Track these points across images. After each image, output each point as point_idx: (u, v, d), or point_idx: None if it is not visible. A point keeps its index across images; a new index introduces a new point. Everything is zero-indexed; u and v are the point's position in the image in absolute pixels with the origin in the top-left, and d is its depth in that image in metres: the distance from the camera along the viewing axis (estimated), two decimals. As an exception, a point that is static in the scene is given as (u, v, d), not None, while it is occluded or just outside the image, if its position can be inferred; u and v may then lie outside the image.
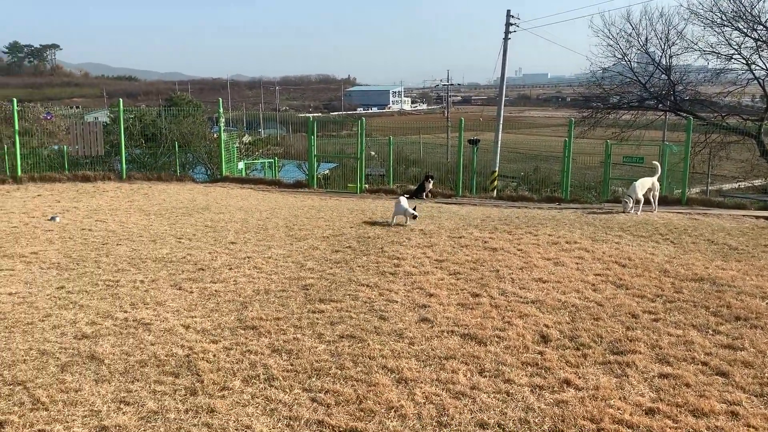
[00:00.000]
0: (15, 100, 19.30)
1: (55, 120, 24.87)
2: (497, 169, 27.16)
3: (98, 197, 15.59)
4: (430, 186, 17.72)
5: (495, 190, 22.15)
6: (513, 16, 31.33)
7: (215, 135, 23.55)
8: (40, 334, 5.95)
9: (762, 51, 26.96)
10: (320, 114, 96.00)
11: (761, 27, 26.51)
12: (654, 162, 14.89)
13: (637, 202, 13.61)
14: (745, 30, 26.84)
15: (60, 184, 18.00)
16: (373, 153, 28.39)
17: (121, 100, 20.83)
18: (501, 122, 30.91)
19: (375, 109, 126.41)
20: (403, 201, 11.89)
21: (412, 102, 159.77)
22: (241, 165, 23.43)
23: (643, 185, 13.70)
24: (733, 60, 27.72)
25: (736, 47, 27.21)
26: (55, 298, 7.03)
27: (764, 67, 27.21)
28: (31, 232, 10.73)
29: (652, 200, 13.98)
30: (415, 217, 11.59)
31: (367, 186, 19.68)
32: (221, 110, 21.85)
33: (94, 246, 9.73)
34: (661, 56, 29.55)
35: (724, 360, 5.33)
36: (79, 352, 5.52)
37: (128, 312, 6.57)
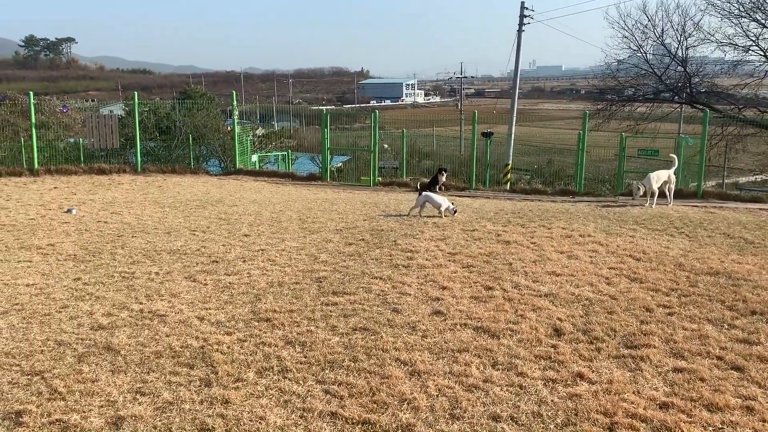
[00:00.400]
0: (31, 93, 19.50)
1: (71, 113, 25.11)
2: (511, 162, 27.05)
3: (114, 190, 15.73)
4: (444, 179, 17.67)
5: (508, 183, 22.08)
6: (527, 8, 31.13)
7: (229, 128, 23.65)
8: (57, 324, 6.02)
9: (780, 42, 26.61)
10: (333, 107, 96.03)
11: (780, 18, 26.13)
12: (671, 155, 14.76)
13: (651, 194, 13.50)
14: (764, 21, 26.49)
15: (76, 176, 18.18)
16: (386, 146, 28.36)
17: (136, 93, 20.98)
18: (514, 115, 30.77)
19: (388, 102, 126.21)
20: (434, 195, 12.03)
21: (426, 94, 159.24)
22: (254, 158, 23.52)
23: (659, 177, 13.58)
24: (750, 51, 27.40)
25: (753, 38, 26.89)
26: (71, 290, 7.12)
27: (783, 59, 26.86)
28: (48, 224, 10.85)
29: (668, 193, 13.87)
30: (455, 212, 11.57)
31: (380, 179, 19.68)
32: (235, 103, 21.94)
33: (109, 238, 9.82)
34: (677, 48, 29.27)
35: (739, 354, 5.29)
36: (95, 342, 5.58)
37: (143, 303, 6.63)
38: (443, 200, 11.61)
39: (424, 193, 12.02)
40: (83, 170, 18.86)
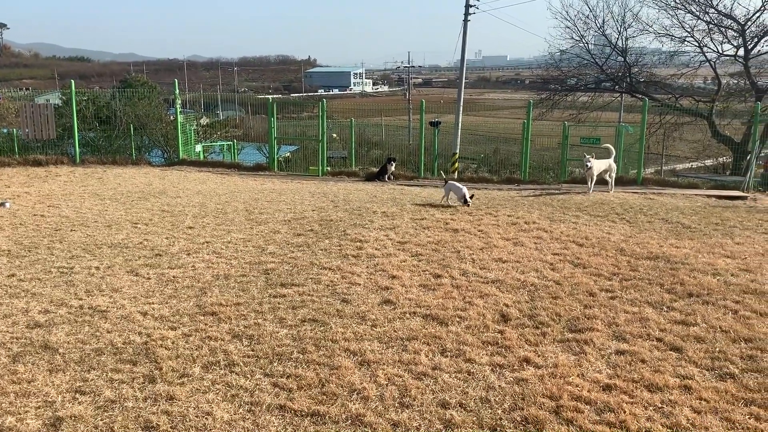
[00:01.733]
0: (-41, 81, 18.55)
1: (4, 102, 23.99)
2: (458, 151, 27.27)
3: (51, 182, 15.13)
4: (392, 168, 17.71)
5: (456, 172, 22.27)
6: (473, -3, 31.28)
7: (171, 117, 23.04)
8: (-10, 324, 5.75)
9: (713, 34, 27.67)
10: (280, 95, 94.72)
11: (713, 10, 27.15)
12: (606, 145, 15.17)
13: (591, 180, 13.91)
14: (698, 13, 27.45)
15: (10, 168, 17.40)
16: (334, 135, 28.18)
17: (73, 81, 20.18)
18: (461, 104, 30.99)
19: (336, 91, 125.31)
20: (456, 183, 12.31)
21: (374, 84, 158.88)
22: (198, 148, 22.98)
23: (598, 167, 13.96)
24: (686, 42, 28.39)
25: (689, 30, 27.86)
26: (5, 287, 6.81)
27: (715, 50, 27.95)
28: (-20, 219, 10.36)
29: (609, 180, 14.26)
30: (472, 196, 11.82)
31: (328, 168, 19.56)
32: (177, 92, 21.36)
33: (46, 232, 9.44)
34: (617, 38, 30.04)
35: (677, 336, 5.48)
36: (31, 341, 5.36)
37: (83, 299, 6.41)
38: (463, 189, 11.97)
39: (449, 182, 12.36)
40: (18, 162, 18.07)
